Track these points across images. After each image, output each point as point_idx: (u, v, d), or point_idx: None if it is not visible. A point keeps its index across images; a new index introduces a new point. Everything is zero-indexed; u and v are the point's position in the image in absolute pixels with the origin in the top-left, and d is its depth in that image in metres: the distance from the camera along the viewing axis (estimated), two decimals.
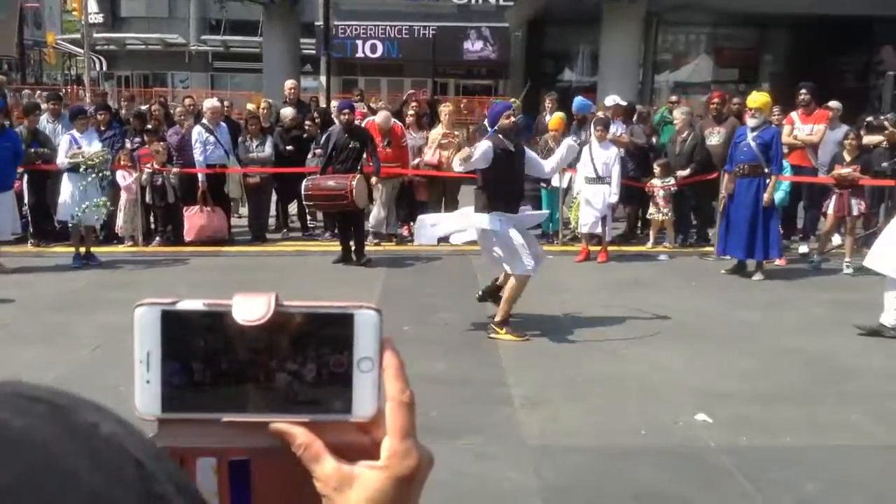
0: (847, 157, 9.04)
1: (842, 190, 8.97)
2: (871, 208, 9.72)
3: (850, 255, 9.01)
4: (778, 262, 9.28)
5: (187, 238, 9.98)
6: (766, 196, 8.47)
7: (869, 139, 9.68)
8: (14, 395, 0.39)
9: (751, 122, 8.58)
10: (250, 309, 0.55)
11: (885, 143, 9.48)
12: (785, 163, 9.52)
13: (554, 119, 10.93)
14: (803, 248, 10.02)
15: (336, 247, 9.64)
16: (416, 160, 10.64)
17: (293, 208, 11.41)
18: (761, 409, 5.06)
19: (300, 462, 0.56)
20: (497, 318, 6.45)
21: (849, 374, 5.73)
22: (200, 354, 0.56)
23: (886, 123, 6.34)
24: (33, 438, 0.36)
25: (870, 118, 6.56)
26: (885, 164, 9.00)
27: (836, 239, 9.58)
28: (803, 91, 10.38)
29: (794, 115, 10.57)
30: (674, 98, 13.28)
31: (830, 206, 9.12)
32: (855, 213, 8.97)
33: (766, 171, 8.50)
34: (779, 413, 5.01)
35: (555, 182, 10.48)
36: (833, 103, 10.58)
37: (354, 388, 0.56)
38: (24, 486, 0.34)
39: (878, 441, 4.62)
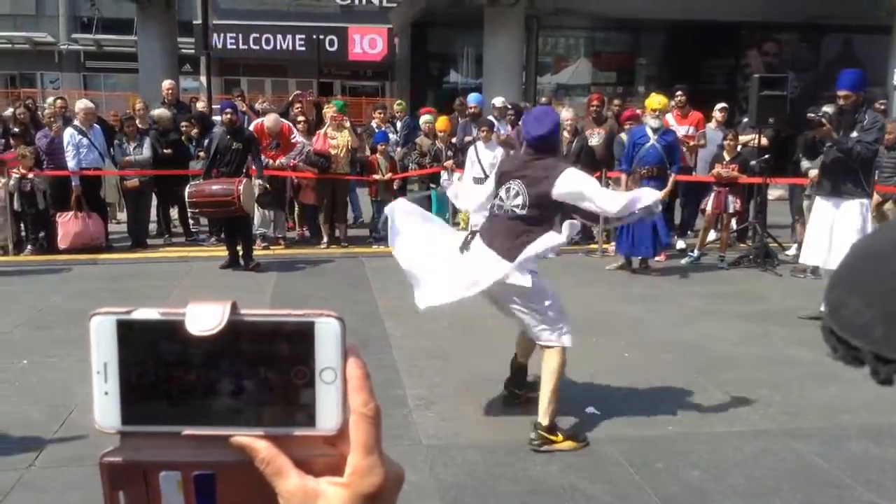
0: (726, 157, 9.51)
1: (720, 188, 9.42)
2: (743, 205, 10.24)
3: (723, 250, 9.49)
4: (657, 257, 9.67)
5: (62, 245, 9.51)
6: (664, 192, 8.80)
7: (743, 139, 10.21)
8: None
9: (654, 122, 8.89)
10: (204, 318, 0.53)
11: (752, 142, 10.01)
12: None
13: (441, 120, 11.08)
14: (681, 244, 10.46)
15: (222, 252, 9.39)
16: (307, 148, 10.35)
17: (175, 212, 11.05)
18: (646, 400, 5.25)
19: (264, 477, 0.54)
20: (545, 422, 4.49)
21: (725, 363, 6.03)
22: (158, 365, 0.54)
23: (824, 120, 6.73)
24: None
25: (811, 114, 6.95)
26: (753, 163, 9.50)
27: (712, 234, 10.06)
28: (679, 93, 10.83)
29: (668, 116, 11.00)
30: (543, 99, 13.56)
31: (709, 203, 9.57)
32: (731, 210, 9.45)
33: (668, 171, 8.84)
34: (662, 403, 5.21)
35: (444, 182, 10.57)
36: (721, 106, 11.10)
37: (317, 399, 0.54)
38: None
39: (754, 427, 4.87)
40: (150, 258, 9.82)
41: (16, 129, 10.16)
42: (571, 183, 4.49)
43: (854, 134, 6.65)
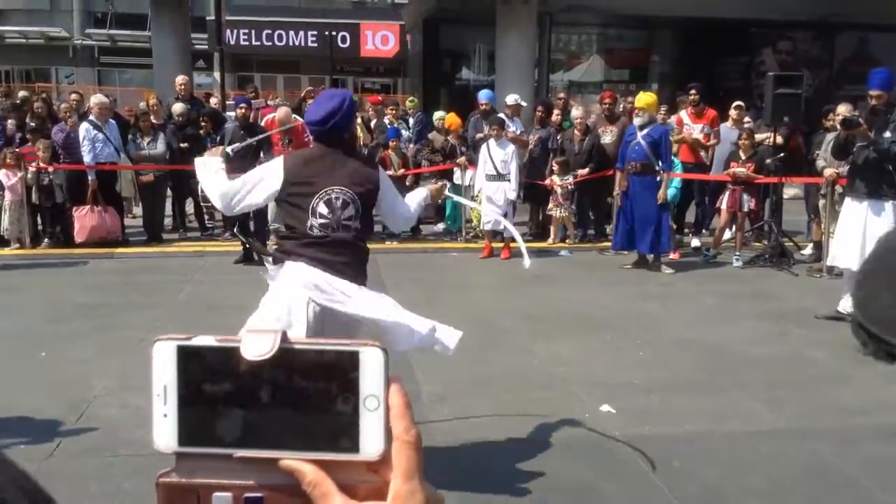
0: (742, 156, 9.48)
1: (735, 186, 9.39)
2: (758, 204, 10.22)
3: (739, 249, 9.46)
4: (671, 255, 9.66)
5: (78, 239, 9.56)
6: (660, 193, 8.78)
7: (759, 137, 10.18)
8: None
9: (637, 120, 8.89)
10: (257, 345, 0.56)
11: (767, 140, 9.96)
12: (676, 160, 9.91)
13: (450, 117, 11.09)
14: (695, 242, 10.44)
15: (236, 246, 9.42)
16: None
17: (190, 207, 11.09)
18: (662, 399, 5.24)
19: (311, 501, 0.56)
20: None
21: (742, 362, 6.01)
22: (214, 390, 0.56)
23: (861, 120, 6.64)
24: None
25: (847, 115, 6.87)
26: (768, 161, 9.46)
27: (727, 233, 10.03)
28: (693, 91, 10.79)
29: (682, 114, 10.98)
30: (561, 95, 13.51)
31: (724, 202, 9.54)
32: (745, 209, 9.41)
33: (657, 168, 8.81)
34: (678, 402, 5.20)
35: (457, 180, 10.57)
36: (736, 104, 11.05)
37: (361, 426, 0.56)
38: None
39: (771, 426, 4.86)
40: (165, 252, 9.86)
41: (32, 124, 10.22)
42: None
43: (887, 134, 6.52)
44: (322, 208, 3.77)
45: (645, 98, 9.02)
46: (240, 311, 4.17)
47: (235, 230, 9.79)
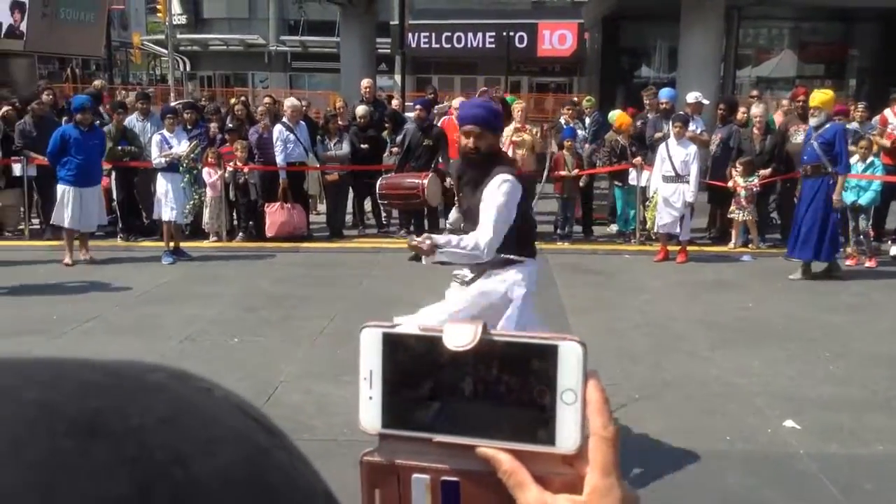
0: None
1: None
2: None
3: None
4: (868, 263, 8.99)
5: (269, 234, 10.20)
6: (834, 197, 8.19)
7: None
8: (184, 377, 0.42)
9: (812, 121, 8.31)
10: (459, 336, 0.57)
11: None
12: (877, 161, 9.20)
13: (620, 115, 10.86)
14: (894, 250, 9.65)
15: None
16: None
17: (369, 205, 11.53)
18: (852, 416, 4.89)
19: (506, 489, 0.57)
20: None
21: None
22: (416, 375, 0.59)
23: None
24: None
25: None
26: None
27: None
28: None
29: (887, 112, 10.18)
30: (754, 93, 12.88)
31: None
32: None
33: (831, 170, 8.20)
34: (870, 420, 4.84)
35: (631, 180, 10.35)
36: None
37: (558, 419, 0.57)
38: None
39: None
40: (345, 248, 10.32)
41: (230, 125, 10.99)
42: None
43: None
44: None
45: (820, 96, 8.35)
46: (412, 305, 4.29)
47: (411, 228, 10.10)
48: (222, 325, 6.74)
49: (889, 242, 9.96)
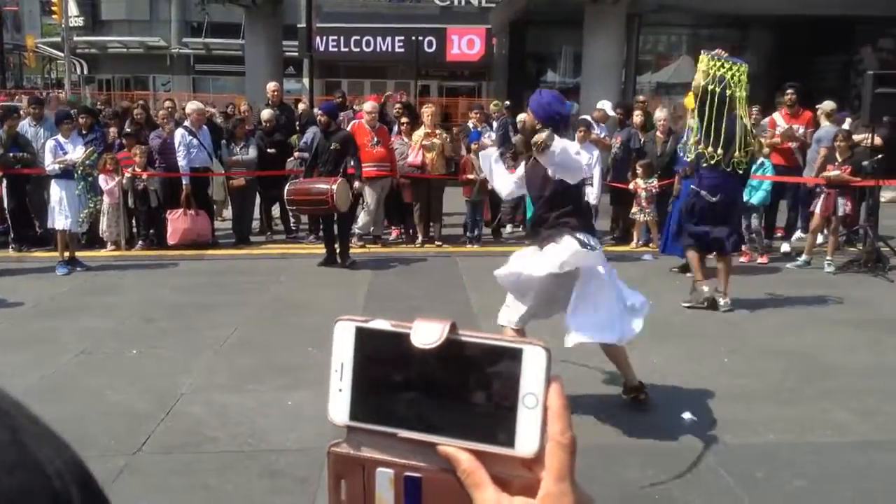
0: (839, 158, 9.11)
1: (830, 190, 9.04)
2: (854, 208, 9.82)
3: (831, 254, 9.10)
4: (760, 260, 9.37)
5: (171, 241, 9.93)
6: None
7: (856, 138, 9.77)
8: None
9: (690, 122, 8.62)
10: (426, 334, 0.58)
11: (865, 141, 9.56)
12: (767, 162, 9.60)
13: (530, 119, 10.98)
14: (785, 247, 10.09)
15: (321, 249, 9.61)
16: (401, 162, 10.61)
17: (276, 211, 11.37)
18: (746, 407, 5.09)
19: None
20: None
21: (831, 371, 5.78)
22: (385, 371, 0.60)
23: None
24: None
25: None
26: (865, 163, 9.07)
27: (819, 238, 9.67)
28: (790, 91, 10.45)
29: (776, 115, 10.63)
30: (641, 98, 13.18)
31: (818, 206, 9.19)
32: (840, 213, 9.04)
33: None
34: (763, 411, 5.04)
35: None
36: (827, 104, 10.66)
37: (518, 423, 0.57)
38: None
39: (861, 437, 4.65)
40: (252, 255, 10.14)
41: (129, 130, 10.66)
42: None
43: None
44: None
45: (691, 100, 8.67)
46: (321, 311, 4.25)
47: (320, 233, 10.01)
48: (120, 337, 6.52)
49: (780, 239, 10.42)
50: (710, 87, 6.71)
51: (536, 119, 4.91)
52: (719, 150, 6.87)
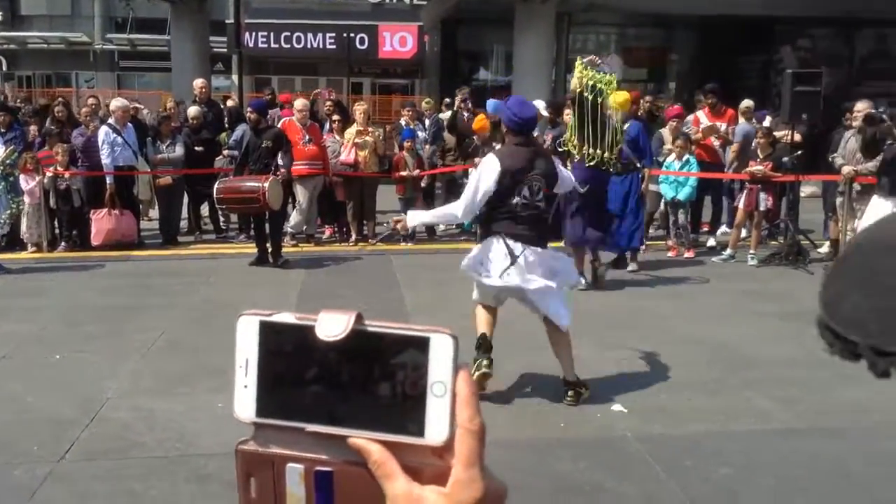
0: (760, 154, 9.39)
1: (752, 185, 9.31)
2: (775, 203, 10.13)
3: (754, 248, 9.37)
4: (687, 254, 9.59)
5: (95, 242, 9.64)
6: (644, 187, 8.93)
7: (777, 134, 10.08)
8: None
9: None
10: (331, 326, 0.57)
11: (785, 138, 9.87)
12: (692, 158, 9.83)
13: (477, 120, 11.00)
14: (710, 242, 10.36)
15: (251, 249, 9.47)
16: (333, 160, 10.51)
17: (205, 210, 11.15)
18: (673, 398, 5.20)
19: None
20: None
21: (754, 361, 5.95)
22: (291, 365, 0.59)
23: (885, 117, 6.64)
24: None
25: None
26: (785, 160, 9.37)
27: (743, 232, 9.94)
28: (710, 95, 10.74)
29: (699, 114, 10.90)
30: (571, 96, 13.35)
31: (740, 201, 9.46)
32: (762, 207, 9.31)
33: (639, 165, 8.78)
34: (690, 401, 5.16)
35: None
36: (746, 102, 10.98)
37: (427, 411, 0.57)
38: None
39: (784, 425, 4.81)
40: (180, 255, 9.92)
41: (52, 128, 10.32)
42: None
43: None
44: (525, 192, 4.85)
45: (616, 98, 8.79)
46: None
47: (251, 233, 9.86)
48: (43, 342, 6.31)
49: (705, 234, 10.70)
50: (585, 94, 7.23)
51: (507, 129, 5.08)
52: (594, 150, 7.36)
